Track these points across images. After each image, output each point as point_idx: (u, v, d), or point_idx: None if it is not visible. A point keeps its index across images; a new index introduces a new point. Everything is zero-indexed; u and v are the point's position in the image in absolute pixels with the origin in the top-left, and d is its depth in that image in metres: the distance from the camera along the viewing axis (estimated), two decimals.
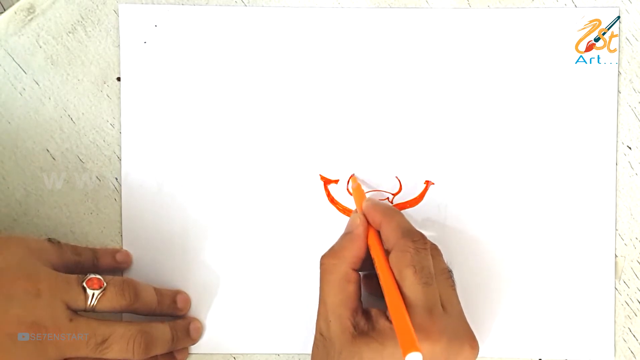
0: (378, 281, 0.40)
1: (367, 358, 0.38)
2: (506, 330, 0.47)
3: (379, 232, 0.42)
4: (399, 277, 0.39)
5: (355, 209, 0.45)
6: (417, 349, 0.34)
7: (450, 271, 0.42)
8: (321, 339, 0.40)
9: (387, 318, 0.39)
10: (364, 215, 0.43)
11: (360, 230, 0.42)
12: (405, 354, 0.34)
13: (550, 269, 0.47)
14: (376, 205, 0.43)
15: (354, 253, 0.41)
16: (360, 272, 0.42)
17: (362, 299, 0.41)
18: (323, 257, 0.42)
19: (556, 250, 0.47)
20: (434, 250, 0.42)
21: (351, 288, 0.40)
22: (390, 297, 0.38)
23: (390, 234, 0.41)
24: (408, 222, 0.42)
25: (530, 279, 0.47)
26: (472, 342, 0.39)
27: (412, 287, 0.38)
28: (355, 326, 0.39)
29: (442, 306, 0.39)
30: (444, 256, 0.43)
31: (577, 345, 0.46)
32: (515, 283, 0.47)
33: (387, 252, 0.41)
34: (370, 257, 0.42)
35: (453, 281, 0.42)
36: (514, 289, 0.47)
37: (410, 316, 0.37)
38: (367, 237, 0.42)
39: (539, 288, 0.47)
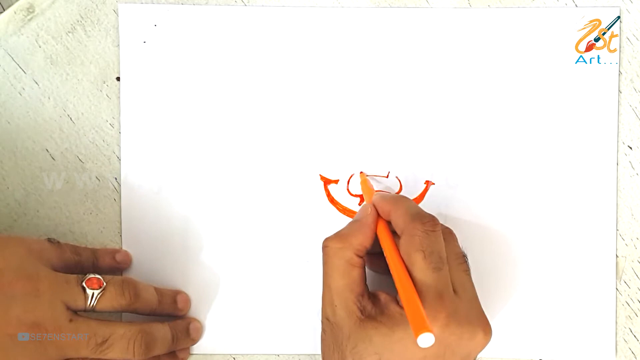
0: (384, 259, 0.40)
1: (377, 342, 0.38)
2: (506, 330, 0.47)
3: (389, 223, 0.42)
4: (409, 261, 0.39)
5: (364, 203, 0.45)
6: (428, 330, 0.34)
7: (464, 255, 0.41)
8: (328, 324, 0.40)
9: (398, 303, 0.39)
10: (374, 207, 0.43)
11: (369, 219, 0.42)
12: (417, 335, 0.34)
13: (551, 269, 0.47)
14: (385, 195, 0.43)
15: (360, 240, 0.41)
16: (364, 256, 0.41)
17: (368, 278, 0.41)
18: (327, 241, 0.41)
19: (557, 251, 0.47)
20: (447, 234, 0.41)
21: (356, 272, 0.40)
22: (400, 282, 0.38)
23: (399, 220, 0.40)
24: (417, 206, 0.41)
25: (530, 279, 0.47)
26: (485, 327, 0.39)
27: (422, 272, 0.38)
28: (362, 310, 0.39)
29: (455, 290, 0.39)
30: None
31: (578, 346, 0.46)
32: (515, 283, 0.47)
33: (397, 239, 0.40)
34: (376, 245, 0.41)
35: (467, 266, 0.41)
36: (514, 289, 0.47)
37: (421, 301, 0.37)
38: (375, 227, 0.42)
39: (539, 288, 0.47)
